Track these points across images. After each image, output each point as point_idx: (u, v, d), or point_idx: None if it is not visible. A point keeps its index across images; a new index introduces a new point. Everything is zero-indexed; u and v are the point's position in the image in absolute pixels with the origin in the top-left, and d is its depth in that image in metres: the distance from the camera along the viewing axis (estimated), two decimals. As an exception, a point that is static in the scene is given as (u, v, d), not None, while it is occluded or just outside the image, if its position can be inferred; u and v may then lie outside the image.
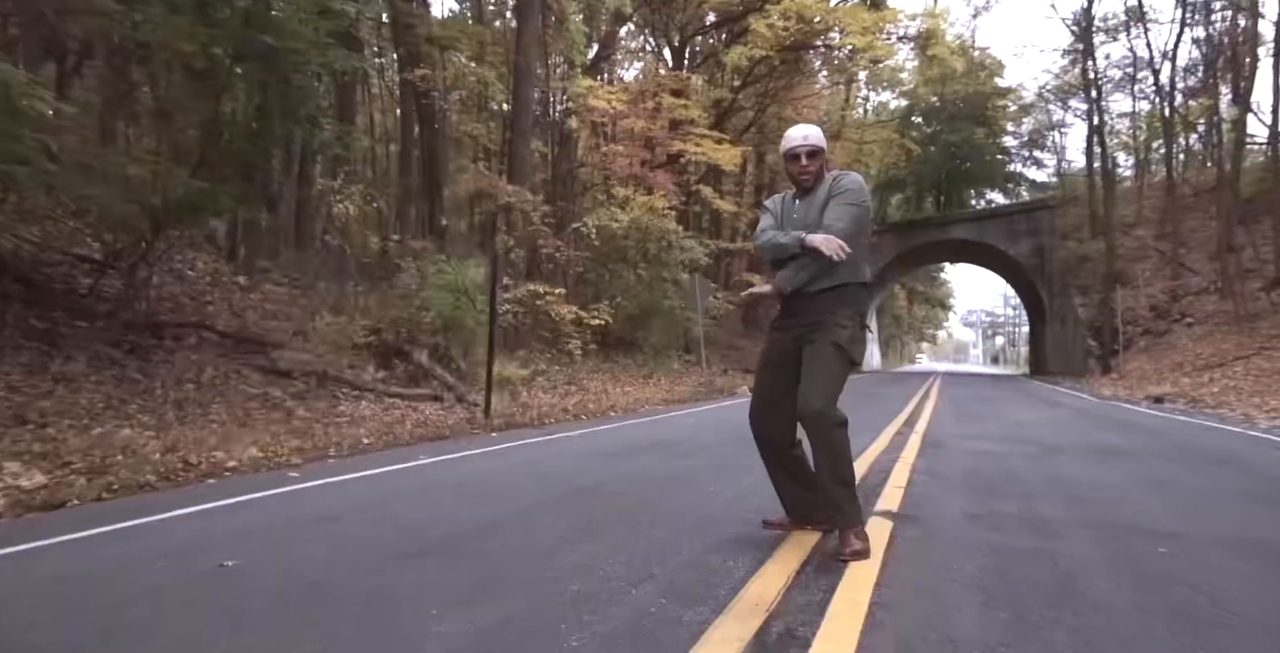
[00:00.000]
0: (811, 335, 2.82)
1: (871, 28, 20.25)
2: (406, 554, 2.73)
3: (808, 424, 2.70)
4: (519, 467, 5.00)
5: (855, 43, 20.30)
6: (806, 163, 2.87)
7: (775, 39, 19.52)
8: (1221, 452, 6.19)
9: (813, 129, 2.93)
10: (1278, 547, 2.94)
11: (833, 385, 2.76)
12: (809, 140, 2.87)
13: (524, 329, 13.93)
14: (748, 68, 22.07)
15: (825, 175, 2.93)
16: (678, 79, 20.15)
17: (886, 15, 21.43)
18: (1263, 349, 16.06)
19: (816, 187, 2.91)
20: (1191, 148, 29.90)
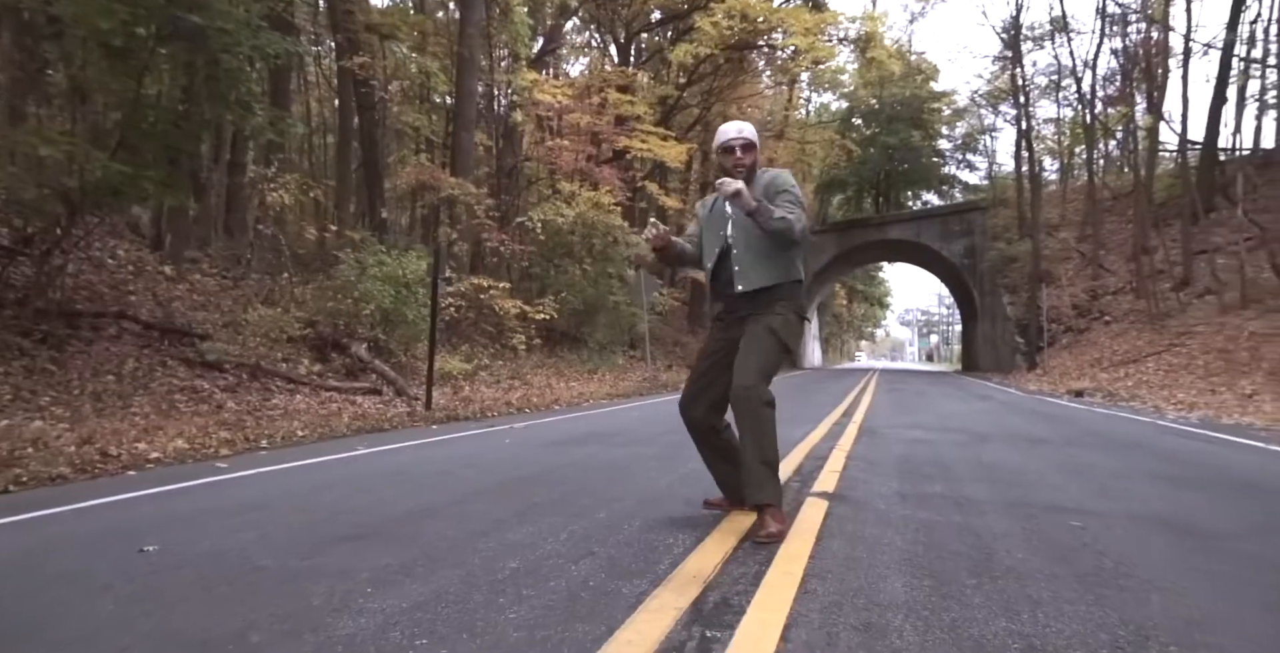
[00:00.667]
0: (750, 320, 2.90)
1: (813, 29, 20.62)
2: (339, 539, 2.68)
3: (736, 401, 2.75)
4: (459, 457, 4.95)
5: (798, 43, 20.64)
6: (740, 155, 2.94)
7: (720, 37, 19.71)
8: (1133, 439, 6.53)
9: (745, 125, 3.04)
10: (1176, 519, 3.13)
11: (764, 366, 2.82)
12: (743, 134, 2.96)
13: (467, 323, 13.76)
14: (693, 65, 22.24)
15: (757, 172, 3.00)
16: (624, 75, 20.16)
17: (827, 17, 21.86)
18: (1171, 346, 16.96)
19: (750, 182, 2.94)
20: (1111, 154, 31.37)
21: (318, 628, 1.82)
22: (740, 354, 2.84)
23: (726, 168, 2.97)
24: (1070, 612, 1.94)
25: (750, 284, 2.91)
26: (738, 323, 2.95)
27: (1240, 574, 2.32)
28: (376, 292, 10.27)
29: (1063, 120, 31.54)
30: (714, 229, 3.05)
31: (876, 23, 24.35)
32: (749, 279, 2.92)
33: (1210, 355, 15.07)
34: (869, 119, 36.77)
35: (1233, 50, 22.37)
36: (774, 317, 2.88)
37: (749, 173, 2.95)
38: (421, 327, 10.53)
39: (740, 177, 2.93)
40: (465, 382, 11.20)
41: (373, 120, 15.88)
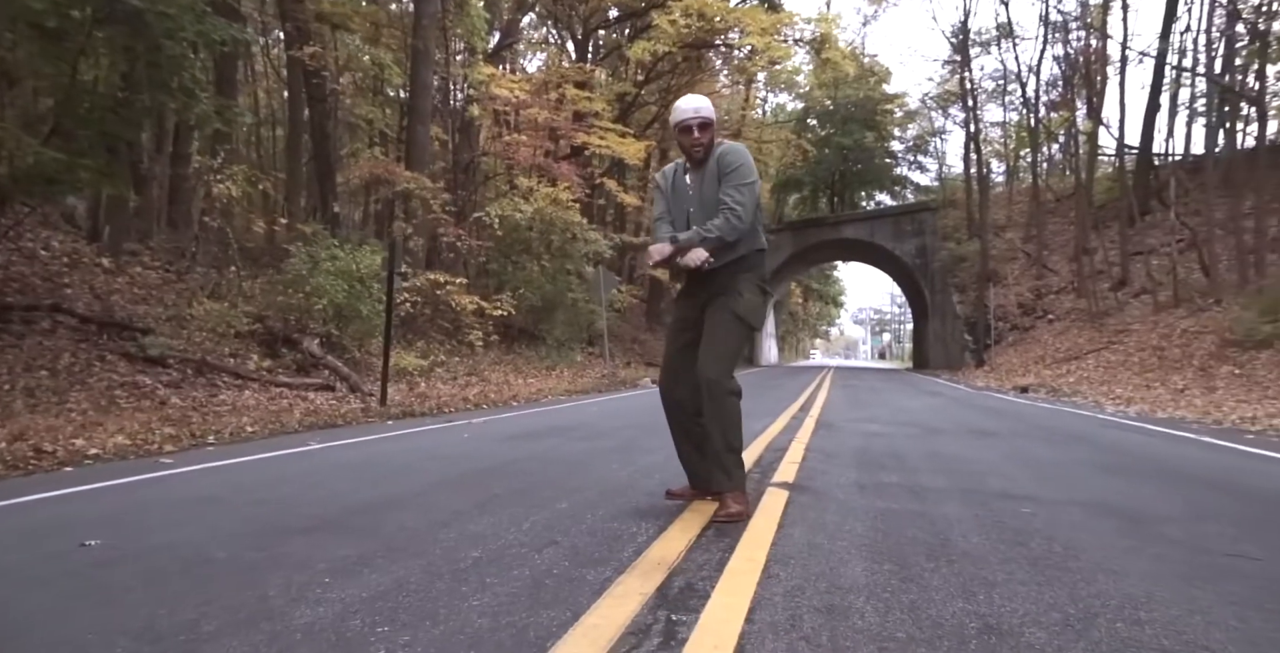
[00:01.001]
0: (715, 301, 2.90)
1: (769, 29, 20.83)
2: (295, 531, 2.62)
3: (704, 391, 2.79)
4: (417, 450, 4.87)
5: (755, 43, 20.83)
6: (698, 135, 2.91)
7: (678, 35, 19.77)
8: (1076, 432, 6.76)
9: (703, 101, 2.96)
10: (1118, 506, 3.25)
11: (729, 354, 2.86)
12: (700, 113, 2.90)
13: (423, 319, 13.55)
14: (651, 63, 22.28)
15: (714, 149, 2.98)
16: (581, 71, 20.08)
17: (783, 17, 22.11)
18: (1110, 344, 17.60)
19: (707, 158, 2.95)
20: (1054, 157, 32.40)
21: (274, 617, 1.77)
22: (705, 341, 2.86)
23: (684, 147, 2.95)
24: (1023, 593, 1.99)
25: (715, 260, 2.88)
26: (704, 298, 2.95)
27: (1176, 556, 2.41)
28: (329, 286, 10.04)
29: (1009, 124, 32.47)
30: (679, 204, 3.03)
31: (831, 24, 24.72)
32: (718, 255, 2.88)
33: (1145, 352, 15.67)
34: (824, 120, 37.32)
35: (1165, 59, 23.28)
36: (738, 299, 2.88)
37: (706, 151, 2.94)
38: (376, 322, 10.34)
39: (698, 156, 2.94)
40: (421, 378, 11.03)
41: (324, 112, 15.51)
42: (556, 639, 1.63)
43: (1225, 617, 1.82)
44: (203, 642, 1.63)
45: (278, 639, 1.64)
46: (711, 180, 2.93)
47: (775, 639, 1.65)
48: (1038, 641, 1.65)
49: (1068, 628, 1.73)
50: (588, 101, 18.74)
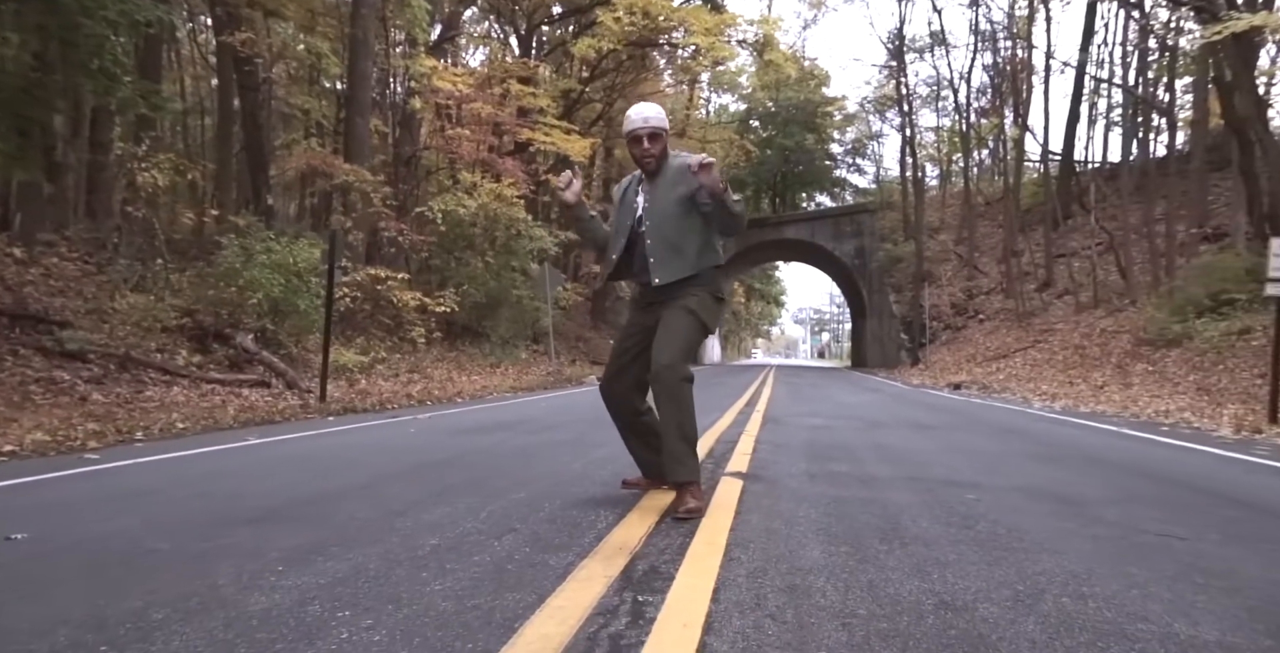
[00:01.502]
0: (671, 302, 2.86)
1: (713, 29, 21.03)
2: (240, 522, 2.53)
3: (656, 379, 2.72)
4: (363, 445, 4.76)
5: (699, 42, 21.00)
6: (648, 145, 2.81)
7: (622, 33, 19.79)
8: (1008, 425, 7.04)
9: (653, 109, 2.85)
10: (1052, 491, 3.40)
11: (683, 344, 2.79)
12: (650, 122, 2.79)
13: (362, 315, 13.22)
14: (596, 60, 22.23)
15: (669, 157, 2.90)
16: (525, 67, 19.90)
17: (727, 18, 22.34)
18: (1036, 343, 18.37)
19: (660, 169, 2.86)
20: (984, 162, 33.65)
21: (227, 605, 1.71)
22: (659, 333, 2.81)
23: (635, 158, 2.85)
24: (974, 572, 2.06)
25: (665, 277, 2.82)
26: (657, 307, 2.89)
27: (1110, 535, 2.54)
28: (265, 280, 9.70)
29: (942, 129, 33.57)
30: (622, 217, 2.94)
31: (773, 26, 25.11)
32: (663, 273, 2.83)
33: (1068, 351, 16.42)
34: (766, 121, 37.89)
35: (1085, 71, 24.45)
36: (691, 298, 2.84)
37: (658, 162, 2.84)
38: (314, 317, 10.04)
39: (650, 167, 2.84)
40: (361, 375, 10.77)
41: (256, 101, 14.97)
42: (524, 620, 1.62)
43: (1160, 591, 1.92)
44: (152, 629, 1.56)
45: (233, 625, 1.58)
46: (666, 189, 2.83)
47: (741, 617, 1.67)
48: (991, 615, 1.71)
49: (1018, 603, 1.80)
50: (532, 98, 18.58)
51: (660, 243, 2.82)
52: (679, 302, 2.83)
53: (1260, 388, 9.56)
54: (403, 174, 17.34)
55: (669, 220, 2.82)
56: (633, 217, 2.89)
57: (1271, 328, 11.44)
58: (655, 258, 2.82)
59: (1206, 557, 2.27)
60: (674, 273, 2.82)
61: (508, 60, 21.53)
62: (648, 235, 2.84)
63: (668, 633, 1.56)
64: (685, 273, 2.82)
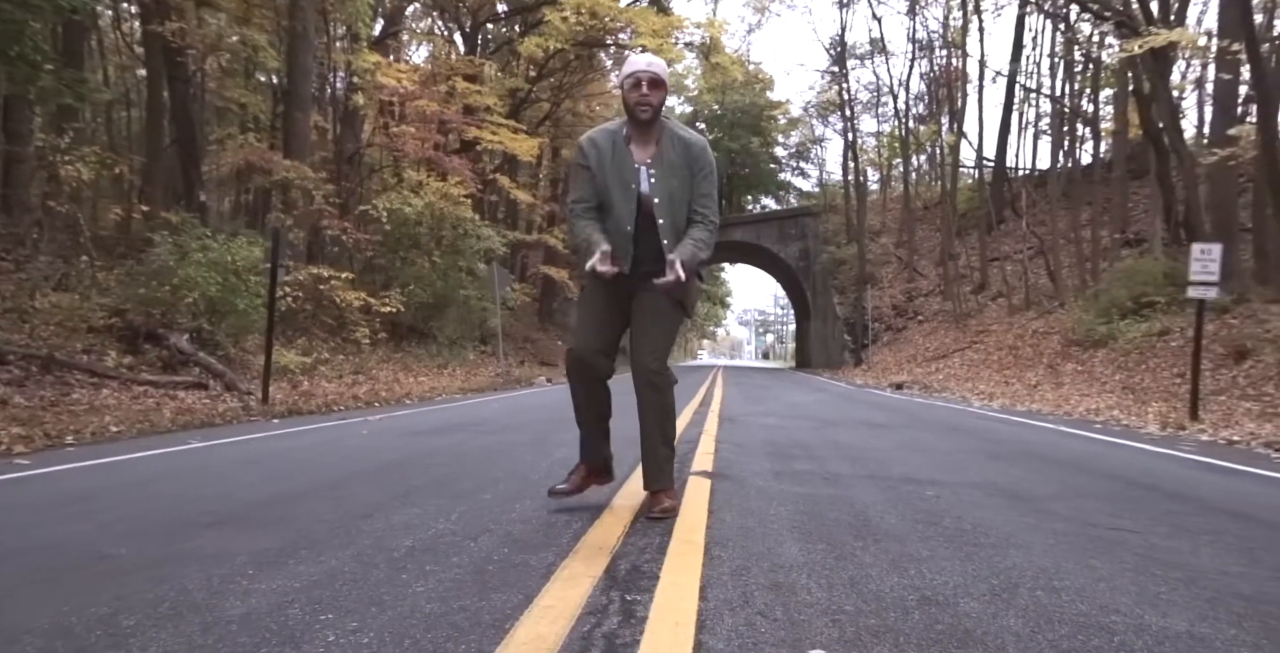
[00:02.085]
0: (648, 286, 2.61)
1: (661, 31, 21.14)
2: (198, 525, 2.44)
3: (645, 382, 2.61)
4: (318, 445, 4.62)
5: (646, 43, 21.07)
6: (648, 91, 2.55)
7: (569, 33, 19.73)
8: (953, 424, 7.26)
9: (656, 59, 2.66)
10: (1005, 487, 3.52)
11: (668, 345, 2.70)
12: (653, 67, 2.57)
13: (304, 315, 12.83)
14: (543, 60, 22.10)
15: (666, 123, 2.66)
16: (471, 64, 19.66)
17: (674, 21, 22.48)
18: (972, 344, 19.01)
19: (656, 132, 2.62)
20: (922, 167, 34.70)
21: (201, 609, 1.65)
22: (644, 329, 2.64)
23: (629, 104, 2.58)
24: (948, 567, 2.11)
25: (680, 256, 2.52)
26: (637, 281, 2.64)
27: (1067, 530, 2.62)
28: (201, 279, 9.33)
29: (882, 134, 34.47)
30: (623, 183, 2.61)
31: (719, 29, 25.39)
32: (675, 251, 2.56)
33: (1003, 351, 17.03)
34: (712, 124, 38.29)
35: (1015, 81, 25.44)
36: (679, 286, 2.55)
37: (654, 113, 2.59)
38: (254, 317, 9.71)
39: (645, 116, 2.57)
40: (304, 376, 10.45)
41: (188, 94, 14.38)
42: (514, 621, 1.60)
43: (1124, 583, 1.99)
44: (125, 636, 1.49)
45: (211, 630, 1.52)
46: (673, 171, 2.61)
47: (732, 615, 1.67)
48: (973, 610, 1.74)
49: (996, 598, 1.84)
50: (479, 96, 18.37)
51: (669, 224, 2.61)
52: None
53: (1179, 386, 10.09)
54: (345, 171, 16.92)
55: (676, 200, 2.61)
56: (638, 182, 2.60)
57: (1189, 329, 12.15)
58: (669, 240, 2.60)
59: (1159, 550, 2.37)
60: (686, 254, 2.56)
61: (453, 58, 21.23)
62: (658, 215, 2.60)
63: (662, 632, 1.55)
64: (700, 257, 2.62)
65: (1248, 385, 9.09)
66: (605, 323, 2.70)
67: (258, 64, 18.16)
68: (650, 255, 2.61)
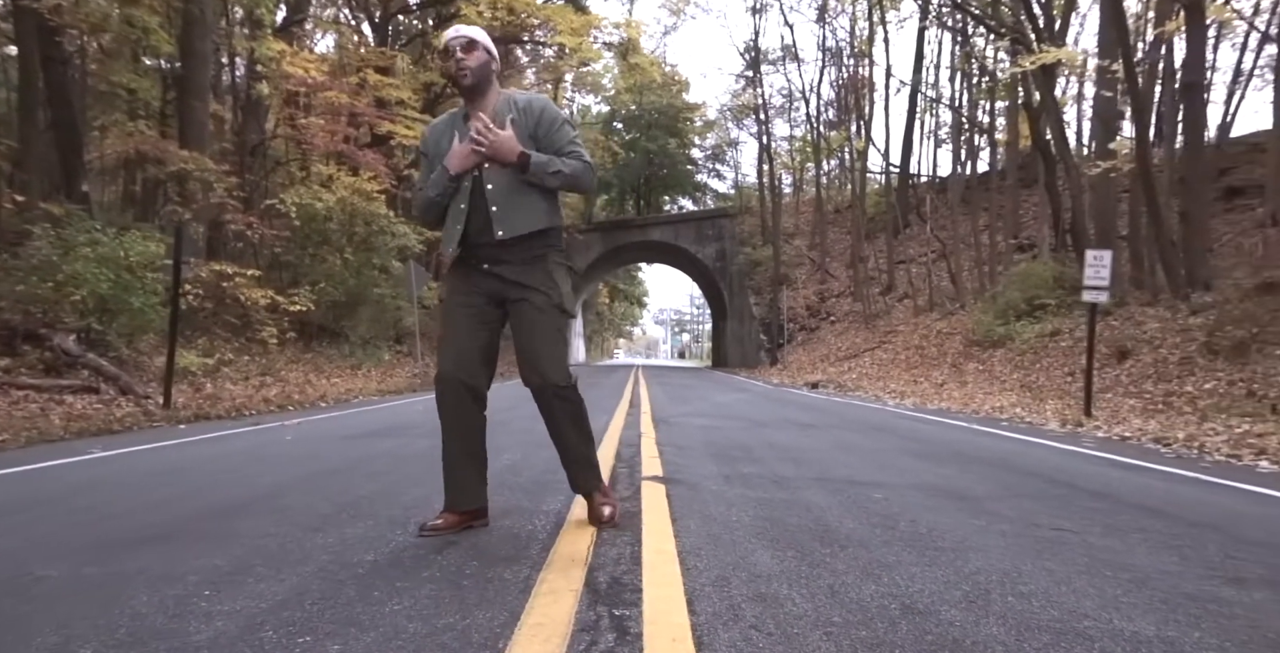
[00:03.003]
0: (524, 295, 2.44)
1: (579, 30, 21.06)
2: (133, 541, 2.27)
3: (554, 396, 2.46)
4: (241, 453, 4.35)
5: (565, 41, 20.95)
6: (463, 55, 2.40)
7: (485, 27, 19.38)
8: (876, 423, 7.51)
9: (467, 27, 2.47)
10: (946, 488, 3.65)
11: (563, 352, 2.53)
12: (460, 31, 2.43)
13: (204, 314, 12.09)
14: (460, 54, 21.64)
15: (495, 86, 2.50)
16: (383, 56, 19.00)
17: (592, 19, 22.44)
18: (882, 343, 19.80)
19: (491, 100, 2.46)
20: (833, 171, 35.94)
21: (163, 635, 1.53)
22: (533, 341, 2.44)
23: (449, 74, 2.56)
24: (918, 573, 2.13)
25: (513, 230, 2.40)
26: (507, 282, 2.45)
27: (1014, 531, 2.70)
28: (90, 275, 8.64)
29: (795, 138, 35.48)
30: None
31: (636, 30, 25.51)
32: (511, 223, 2.40)
33: (910, 351, 17.81)
34: (630, 124, 38.44)
35: (918, 90, 26.70)
36: (552, 285, 2.46)
37: (474, 78, 2.40)
38: (151, 317, 9.09)
39: (466, 81, 2.41)
40: (206, 378, 9.84)
41: (66, 76, 13.29)
42: (505, 640, 1.54)
43: (1084, 586, 2.05)
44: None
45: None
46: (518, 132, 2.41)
47: (726, 630, 1.66)
48: (955, 618, 1.76)
49: (972, 604, 1.87)
50: (393, 89, 17.78)
51: (502, 190, 2.40)
52: (535, 282, 2.44)
53: (1071, 384, 10.81)
54: (249, 164, 16.04)
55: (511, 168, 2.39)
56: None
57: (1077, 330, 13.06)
58: (499, 207, 2.39)
59: (1100, 550, 2.47)
60: (521, 225, 2.41)
61: (362, 49, 20.47)
62: (486, 180, 2.40)
63: (661, 649, 1.52)
64: (536, 226, 2.43)
65: (1130, 383, 9.79)
66: (472, 338, 2.45)
67: (149, 47, 16.97)
68: (484, 228, 2.41)
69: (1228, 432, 6.18)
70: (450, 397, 2.44)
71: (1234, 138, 19.05)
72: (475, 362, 2.45)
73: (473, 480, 2.51)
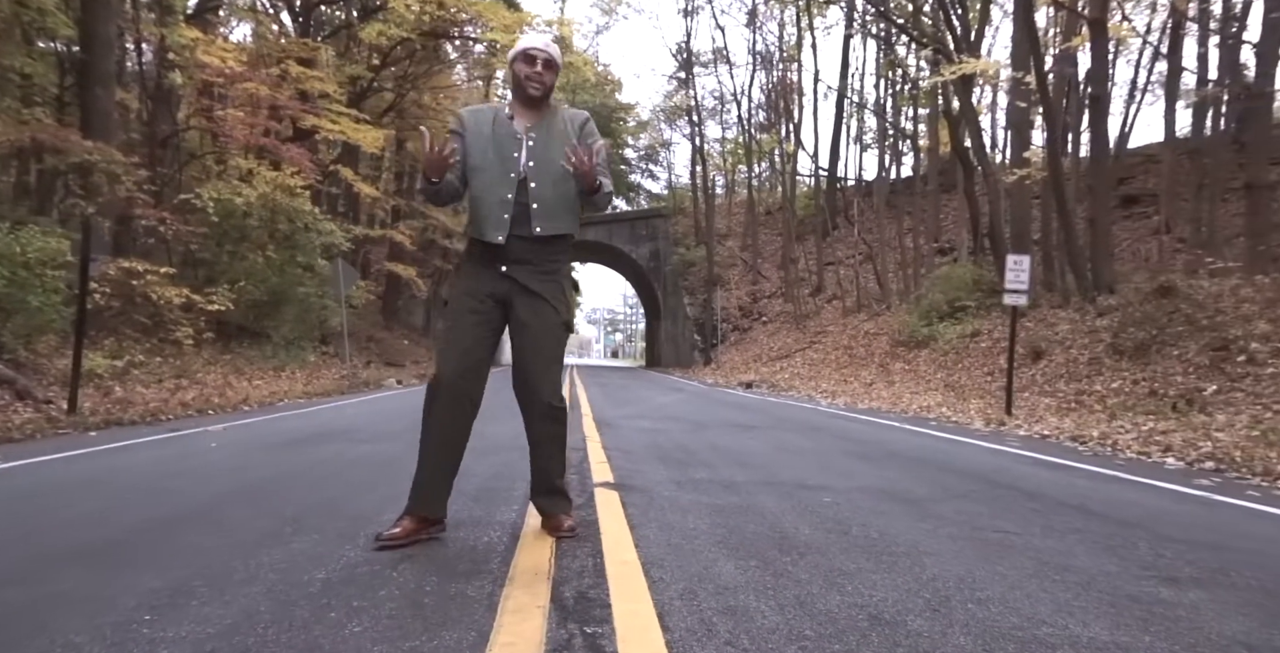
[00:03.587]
0: (535, 305, 2.48)
1: (511, 26, 20.78)
2: (57, 561, 2.11)
3: (545, 415, 2.50)
4: (164, 462, 4.09)
5: (499, 38, 20.64)
6: (542, 70, 2.50)
7: (414, 21, 18.96)
8: (813, 423, 7.65)
9: (555, 45, 2.59)
10: (889, 489, 3.72)
11: (560, 370, 2.56)
12: (550, 48, 2.53)
13: (111, 313, 11.38)
14: (387, 48, 21.08)
15: (555, 105, 2.62)
16: (306, 47, 18.30)
17: (524, 16, 22.19)
18: (812, 343, 20.27)
19: (544, 108, 2.57)
20: (764, 173, 36.59)
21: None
22: (535, 358, 2.48)
23: (519, 79, 2.50)
24: (879, 581, 2.14)
25: (551, 228, 2.48)
26: (519, 285, 2.48)
27: (961, 535, 2.76)
28: (-20, 272, 8.02)
29: (727, 140, 35.96)
30: (499, 147, 2.50)
31: (568, 28, 25.36)
32: (551, 222, 2.48)
33: (839, 351, 18.28)
34: (561, 124, 38.16)
35: (845, 96, 27.46)
36: (562, 301, 2.53)
37: (545, 94, 2.54)
38: (51, 317, 8.52)
39: (536, 94, 2.51)
40: (114, 381, 9.27)
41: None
42: (481, 665, 1.48)
43: (1035, 590, 2.10)
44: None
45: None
46: (556, 138, 2.52)
47: (702, 647, 1.64)
48: (921, 628, 1.78)
49: (935, 613, 1.88)
50: (318, 82, 17.15)
51: (546, 191, 2.48)
52: (548, 294, 2.49)
53: (991, 384, 11.30)
54: (160, 156, 15.19)
55: (556, 170, 2.48)
56: (518, 150, 2.48)
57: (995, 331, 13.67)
58: (539, 204, 2.46)
59: (1043, 552, 2.55)
60: (557, 226, 2.50)
61: (282, 39, 19.66)
62: (531, 180, 2.47)
63: (639, 668, 1.49)
64: (566, 229, 2.53)
65: (1044, 382, 10.29)
66: (478, 345, 2.47)
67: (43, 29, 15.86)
68: (522, 221, 2.46)
69: (1135, 430, 6.56)
70: (447, 403, 2.43)
71: (1130, 149, 20.32)
72: (478, 370, 2.48)
73: (443, 490, 2.49)
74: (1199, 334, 8.90)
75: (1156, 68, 20.40)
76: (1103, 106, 13.22)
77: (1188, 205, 15.92)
